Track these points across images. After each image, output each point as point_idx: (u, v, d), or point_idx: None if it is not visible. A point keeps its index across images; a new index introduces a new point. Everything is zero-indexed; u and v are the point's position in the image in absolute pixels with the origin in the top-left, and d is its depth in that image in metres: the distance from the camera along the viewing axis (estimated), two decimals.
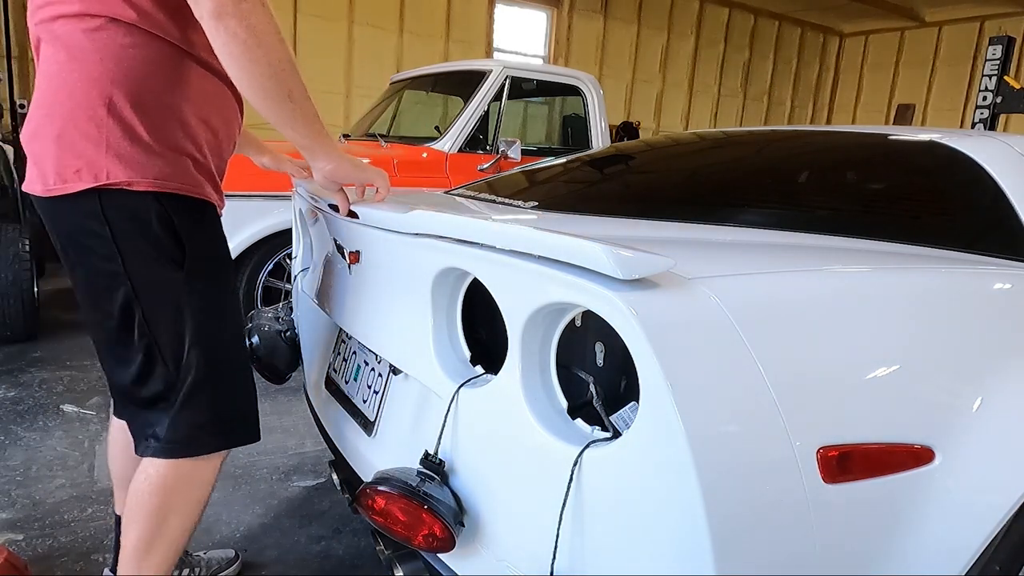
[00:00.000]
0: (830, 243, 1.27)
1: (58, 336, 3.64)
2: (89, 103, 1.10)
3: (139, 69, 1.11)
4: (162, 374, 1.22)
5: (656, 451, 0.79)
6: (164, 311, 1.19)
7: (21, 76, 6.52)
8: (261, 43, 1.05)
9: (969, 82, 10.81)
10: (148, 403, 1.25)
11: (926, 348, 1.00)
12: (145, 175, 1.13)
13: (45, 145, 1.13)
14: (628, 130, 9.76)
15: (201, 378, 1.22)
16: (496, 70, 3.96)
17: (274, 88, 1.09)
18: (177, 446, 1.24)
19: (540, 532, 0.90)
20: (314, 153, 1.22)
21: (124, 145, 1.11)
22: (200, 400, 1.23)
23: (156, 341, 1.20)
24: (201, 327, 1.21)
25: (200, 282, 1.21)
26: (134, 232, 1.15)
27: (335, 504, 2.12)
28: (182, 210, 1.18)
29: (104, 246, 1.15)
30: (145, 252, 1.16)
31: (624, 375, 1.07)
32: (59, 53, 1.11)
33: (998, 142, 1.50)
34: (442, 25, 9.03)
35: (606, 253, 0.77)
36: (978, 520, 0.99)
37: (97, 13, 1.08)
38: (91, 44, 1.09)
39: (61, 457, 2.33)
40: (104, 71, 1.09)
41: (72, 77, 1.10)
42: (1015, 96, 6.32)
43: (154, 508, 1.25)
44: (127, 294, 1.18)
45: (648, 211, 1.55)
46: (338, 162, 1.24)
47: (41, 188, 1.15)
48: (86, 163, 1.11)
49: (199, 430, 1.25)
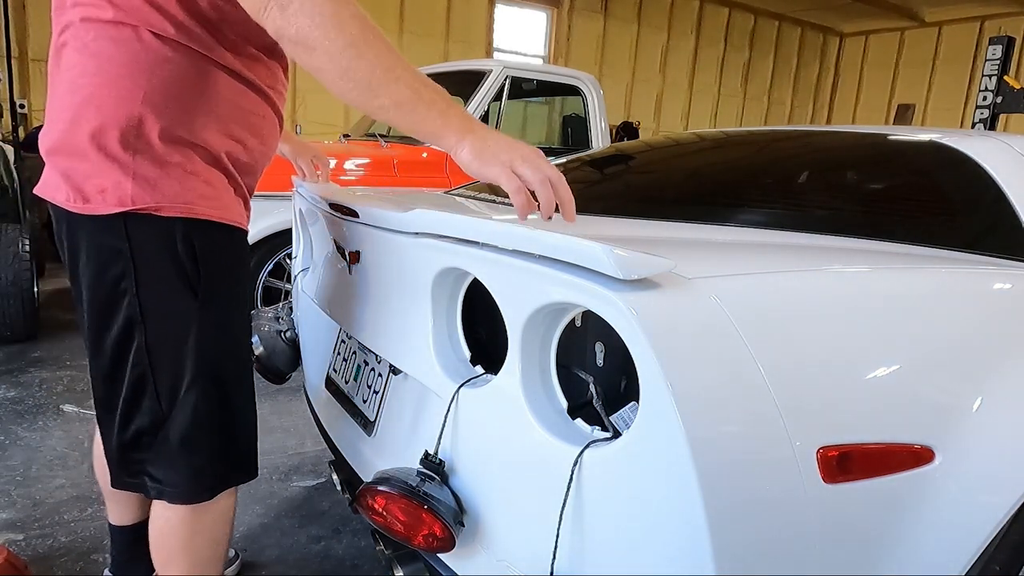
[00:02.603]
0: (830, 243, 1.27)
1: (58, 336, 3.64)
2: (117, 121, 1.03)
3: (172, 85, 1.04)
4: (149, 408, 1.13)
5: (656, 451, 0.79)
6: (168, 339, 1.11)
7: (21, 76, 6.53)
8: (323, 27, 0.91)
9: (969, 82, 10.82)
10: (132, 440, 1.16)
11: (926, 348, 1.00)
12: (174, 200, 1.06)
13: (68, 158, 1.06)
14: (628, 130, 9.77)
15: (203, 417, 1.14)
16: (496, 70, 3.96)
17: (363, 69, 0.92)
18: (179, 491, 1.17)
19: (540, 532, 0.90)
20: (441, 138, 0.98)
21: (153, 167, 1.04)
22: (200, 440, 1.15)
23: (152, 371, 1.12)
24: (207, 361, 1.13)
25: (213, 312, 1.13)
26: (154, 254, 1.08)
27: (335, 504, 2.12)
28: (208, 235, 1.10)
29: (119, 262, 1.08)
30: (161, 274, 1.09)
31: (624, 375, 1.07)
32: (87, 62, 1.04)
33: (998, 142, 1.50)
34: (442, 25, 9.04)
35: (606, 253, 0.77)
36: (978, 520, 0.99)
37: (130, 22, 1.02)
38: (122, 56, 1.02)
39: (61, 457, 2.33)
40: (135, 87, 1.02)
41: (101, 92, 1.03)
42: (1015, 96, 6.32)
43: (182, 548, 1.21)
44: (131, 316, 1.09)
45: (648, 211, 1.55)
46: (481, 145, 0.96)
47: (62, 200, 1.08)
48: (112, 184, 1.04)
49: (199, 473, 1.17)
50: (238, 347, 1.21)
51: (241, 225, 1.18)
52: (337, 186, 1.73)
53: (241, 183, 1.17)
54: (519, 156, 0.95)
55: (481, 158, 0.95)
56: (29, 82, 6.66)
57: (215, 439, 1.18)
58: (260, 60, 1.15)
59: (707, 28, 11.36)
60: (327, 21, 0.91)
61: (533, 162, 0.95)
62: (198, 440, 1.16)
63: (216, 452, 1.19)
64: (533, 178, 0.94)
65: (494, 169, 0.94)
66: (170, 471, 1.17)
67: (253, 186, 1.23)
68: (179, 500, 1.19)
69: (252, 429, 1.26)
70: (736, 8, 11.52)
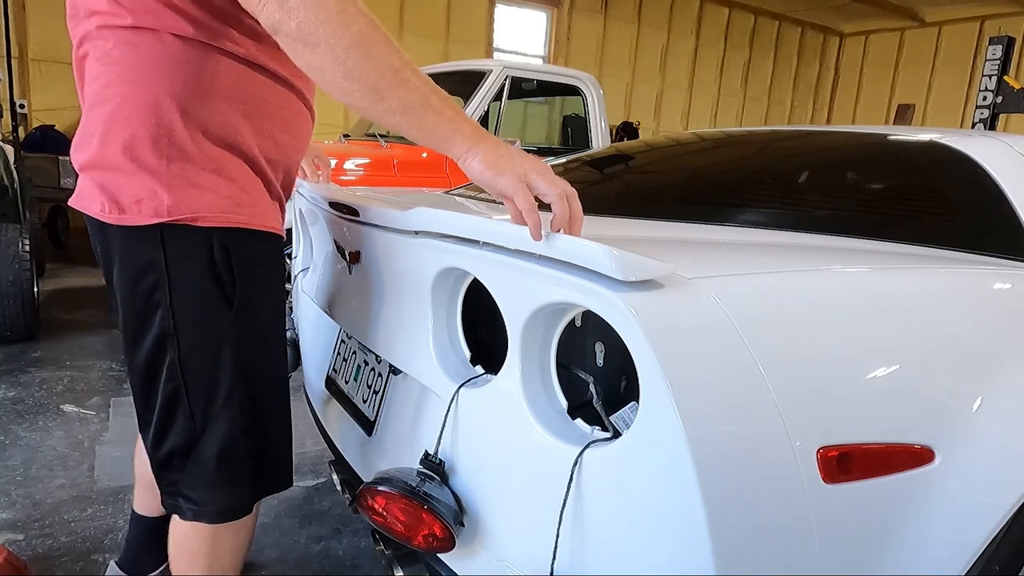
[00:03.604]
0: (830, 243, 1.27)
1: (58, 336, 3.64)
2: (147, 130, 1.00)
3: (198, 85, 1.01)
4: (183, 427, 1.10)
5: (656, 451, 0.79)
6: (202, 352, 1.08)
7: (21, 76, 6.53)
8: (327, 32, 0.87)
9: (969, 82, 10.82)
10: (166, 460, 1.13)
11: (926, 348, 1.00)
12: (211, 209, 1.03)
13: (102, 171, 1.04)
14: (628, 130, 9.78)
15: (238, 433, 1.11)
16: (496, 70, 3.96)
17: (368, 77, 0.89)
18: (214, 511, 1.14)
19: (540, 532, 0.90)
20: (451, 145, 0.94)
21: (188, 175, 1.01)
22: (236, 457, 1.12)
23: (186, 386, 1.08)
24: (242, 373, 1.10)
25: (248, 322, 1.09)
26: (189, 264, 1.05)
27: (335, 504, 2.12)
28: (244, 243, 1.07)
29: (152, 272, 1.04)
30: (196, 285, 1.05)
31: (624, 375, 1.07)
32: (110, 71, 1.01)
33: (998, 142, 1.50)
34: (442, 25, 9.03)
35: (606, 254, 0.77)
36: (978, 520, 0.99)
37: (148, 26, 0.99)
38: (144, 62, 0.99)
39: (61, 457, 2.33)
40: (161, 92, 1.00)
41: (128, 102, 1.00)
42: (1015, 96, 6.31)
43: (201, 556, 1.17)
44: (164, 328, 1.06)
45: (648, 211, 1.55)
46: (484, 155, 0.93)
47: (96, 212, 1.05)
48: (148, 194, 1.01)
49: (235, 491, 1.14)
50: (274, 357, 1.17)
51: (277, 231, 1.13)
52: (337, 186, 1.73)
53: (275, 182, 1.14)
54: (533, 169, 0.92)
55: (495, 168, 0.91)
56: (29, 82, 6.66)
57: (252, 455, 1.14)
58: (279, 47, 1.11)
59: (707, 28, 11.36)
60: (332, 17, 0.87)
61: (548, 176, 0.92)
62: (234, 457, 1.12)
63: (253, 468, 1.15)
64: (550, 191, 0.90)
65: (508, 181, 0.90)
66: (204, 490, 1.13)
67: (288, 184, 1.19)
68: (215, 520, 1.15)
69: (288, 441, 1.23)
70: (736, 8, 11.51)
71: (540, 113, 7.55)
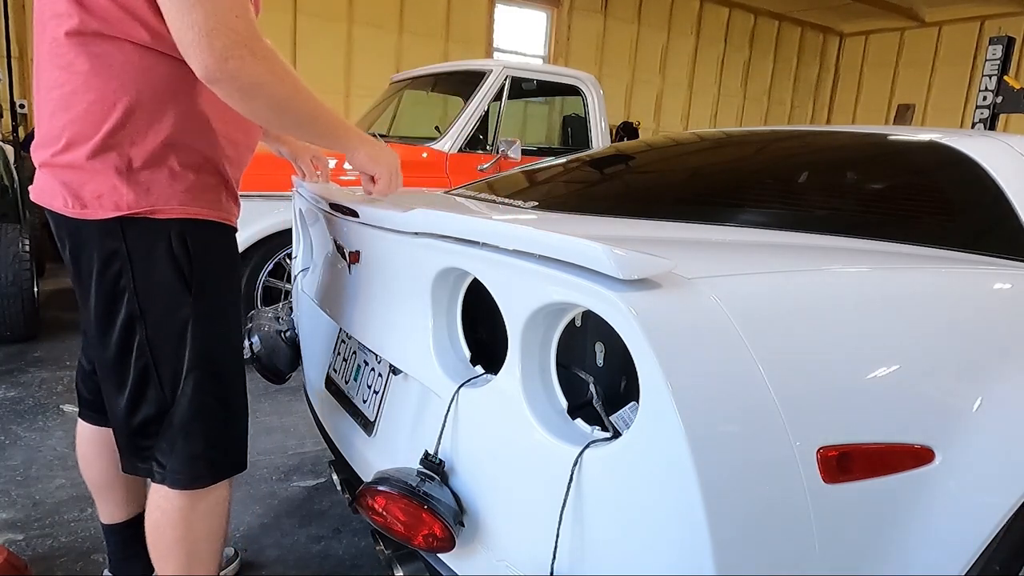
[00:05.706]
0: (830, 243, 1.27)
1: (58, 336, 3.64)
2: (110, 133, 1.08)
3: (157, 92, 1.10)
4: (155, 398, 1.20)
5: (656, 451, 0.79)
6: (167, 333, 1.18)
7: (21, 76, 6.53)
8: (261, 93, 1.05)
9: (969, 82, 10.82)
10: (140, 427, 1.23)
11: (926, 348, 1.00)
12: (168, 201, 1.12)
13: (63, 170, 1.11)
14: (628, 130, 9.77)
15: (199, 404, 1.21)
16: (496, 70, 3.96)
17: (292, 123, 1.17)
18: (179, 478, 1.22)
19: (540, 532, 0.90)
20: (345, 146, 1.28)
21: (147, 172, 1.10)
22: (197, 427, 1.21)
23: (155, 363, 1.18)
24: (203, 351, 1.20)
25: (207, 305, 1.20)
26: (150, 254, 1.14)
27: (335, 504, 2.12)
28: (201, 232, 1.17)
29: (116, 262, 1.14)
30: (157, 273, 1.15)
31: (624, 375, 1.07)
32: (74, 79, 1.08)
33: (998, 142, 1.50)
34: (442, 25, 9.04)
35: (606, 253, 0.77)
36: (978, 520, 0.99)
37: (110, 34, 1.06)
38: (107, 71, 1.07)
39: (61, 457, 2.33)
40: (124, 98, 1.08)
41: (92, 108, 1.08)
42: (1015, 96, 6.32)
43: (178, 539, 1.24)
44: (132, 312, 1.16)
45: (648, 211, 1.55)
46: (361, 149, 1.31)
47: (59, 207, 1.13)
48: (108, 190, 1.10)
49: (196, 458, 1.22)
50: (232, 338, 1.27)
51: (231, 223, 1.25)
52: (337, 186, 1.73)
53: (230, 178, 1.24)
54: (396, 161, 1.36)
55: (374, 160, 1.32)
56: (29, 82, 6.65)
57: (210, 426, 1.23)
58: None
59: (707, 28, 11.35)
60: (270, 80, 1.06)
61: (397, 166, 1.37)
62: (195, 426, 1.21)
63: (211, 439, 1.24)
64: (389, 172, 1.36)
65: (382, 167, 1.34)
66: (171, 456, 1.22)
67: (239, 180, 1.29)
68: (179, 485, 1.23)
69: (244, 419, 1.32)
70: (736, 8, 11.51)
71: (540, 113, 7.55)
